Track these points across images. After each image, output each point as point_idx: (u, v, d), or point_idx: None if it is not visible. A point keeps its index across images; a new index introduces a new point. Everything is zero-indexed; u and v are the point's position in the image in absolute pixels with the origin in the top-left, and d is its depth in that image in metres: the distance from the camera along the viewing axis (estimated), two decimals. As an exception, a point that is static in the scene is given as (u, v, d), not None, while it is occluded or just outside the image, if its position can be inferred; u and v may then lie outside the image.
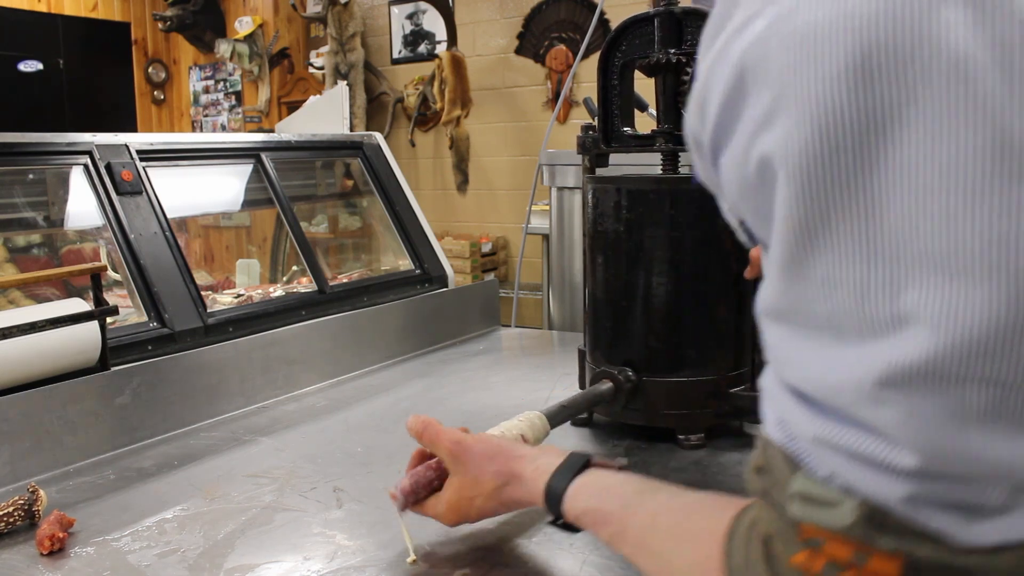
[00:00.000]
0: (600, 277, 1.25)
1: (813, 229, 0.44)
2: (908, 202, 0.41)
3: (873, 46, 0.41)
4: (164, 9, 6.23)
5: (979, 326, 0.40)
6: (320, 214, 3.37)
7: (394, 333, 1.77)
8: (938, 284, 0.41)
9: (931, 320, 0.41)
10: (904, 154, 0.41)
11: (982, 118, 0.39)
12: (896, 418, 0.43)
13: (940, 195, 0.40)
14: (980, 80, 0.39)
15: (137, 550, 0.94)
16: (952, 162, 0.40)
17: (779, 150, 0.44)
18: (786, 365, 0.49)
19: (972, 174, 0.40)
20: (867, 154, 0.42)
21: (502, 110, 5.47)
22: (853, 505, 0.46)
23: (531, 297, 4.97)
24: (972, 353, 0.40)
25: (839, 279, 0.44)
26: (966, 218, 0.40)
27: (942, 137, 0.40)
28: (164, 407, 1.32)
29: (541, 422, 1.06)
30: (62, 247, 2.41)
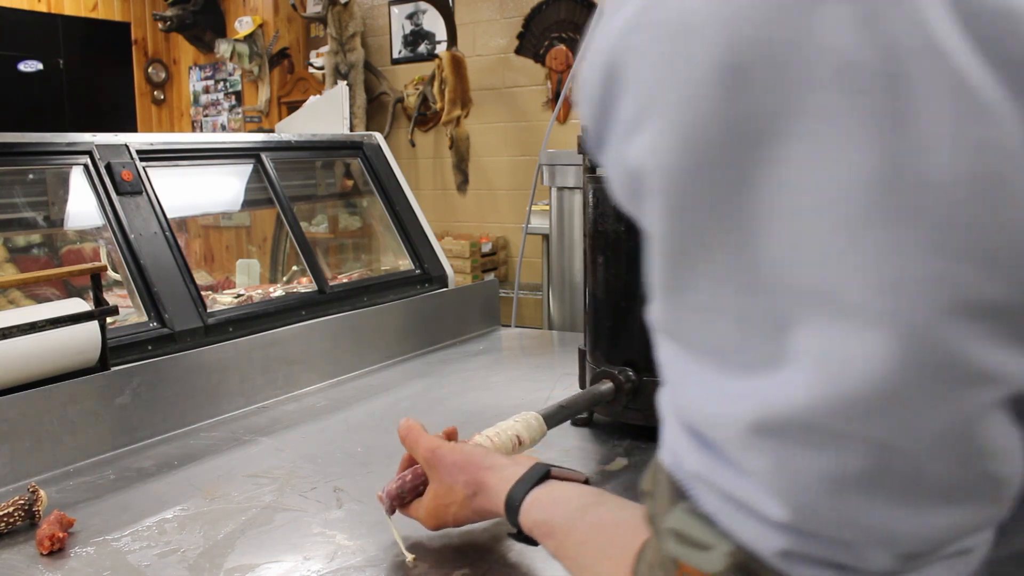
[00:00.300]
0: (600, 277, 1.25)
1: (688, 251, 0.39)
2: (788, 230, 0.35)
3: (747, 43, 0.34)
4: (164, 9, 6.23)
5: (861, 380, 0.35)
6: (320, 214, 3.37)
7: (394, 333, 1.77)
8: (821, 325, 0.35)
9: (810, 365, 0.36)
10: (783, 174, 0.35)
11: (867, 139, 0.33)
12: (766, 467, 0.38)
13: (820, 227, 0.34)
14: (868, 92, 0.33)
15: (137, 550, 0.94)
16: (834, 188, 0.34)
17: (646, 161, 0.38)
18: (673, 387, 0.44)
19: (856, 205, 0.34)
20: (742, 172, 0.36)
21: (502, 110, 5.47)
22: (725, 551, 0.41)
23: (531, 297, 4.97)
24: (851, 408, 0.35)
25: (718, 307, 0.39)
26: (848, 257, 0.34)
27: (823, 158, 0.34)
28: (164, 407, 1.32)
29: (538, 423, 1.05)
30: (62, 247, 2.41)
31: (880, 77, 0.33)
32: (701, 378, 0.41)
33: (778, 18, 0.34)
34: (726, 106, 0.35)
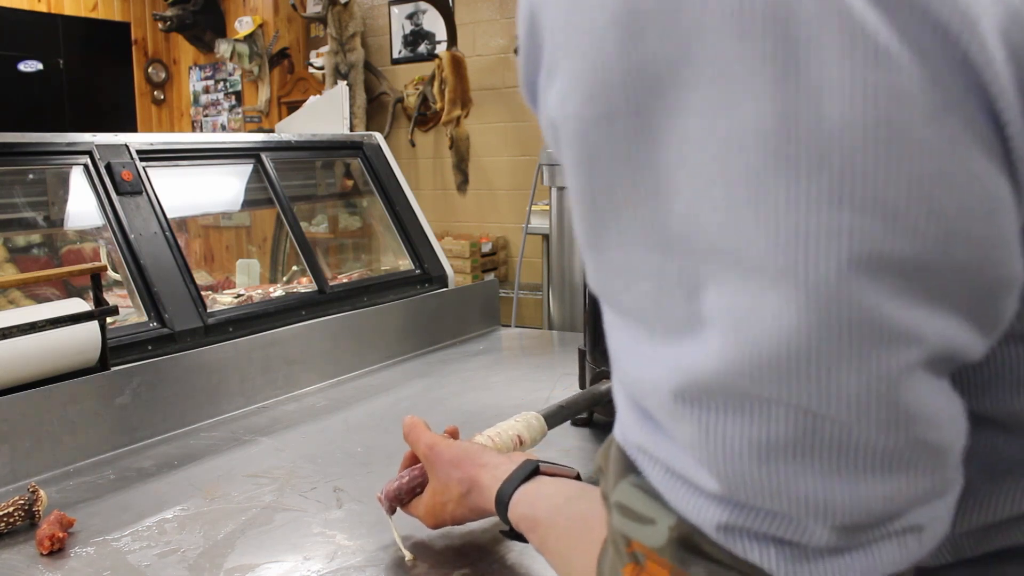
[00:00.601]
0: (600, 277, 1.25)
1: (601, 208, 0.37)
2: (693, 183, 0.34)
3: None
4: (164, 9, 6.23)
5: (771, 340, 0.33)
6: (320, 214, 3.37)
7: (394, 333, 1.77)
8: (730, 285, 0.34)
9: (722, 326, 0.34)
10: (685, 125, 0.34)
11: (762, 86, 0.32)
12: (692, 436, 0.37)
13: (721, 179, 0.33)
14: (760, 37, 0.32)
15: (137, 550, 0.94)
16: (732, 138, 0.33)
17: (558, 111, 0.38)
18: (614, 354, 0.42)
19: (753, 155, 0.32)
20: (645, 123, 0.34)
21: (502, 110, 5.47)
22: (668, 525, 0.40)
23: (531, 297, 4.97)
24: (766, 370, 0.34)
25: (635, 267, 0.37)
26: (749, 211, 0.33)
27: (721, 106, 0.33)
28: (164, 407, 1.32)
29: (538, 422, 1.06)
30: (62, 247, 2.41)
31: (772, 21, 0.31)
32: (631, 344, 0.39)
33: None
34: (625, 53, 0.34)
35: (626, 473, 0.43)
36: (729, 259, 0.34)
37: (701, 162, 0.33)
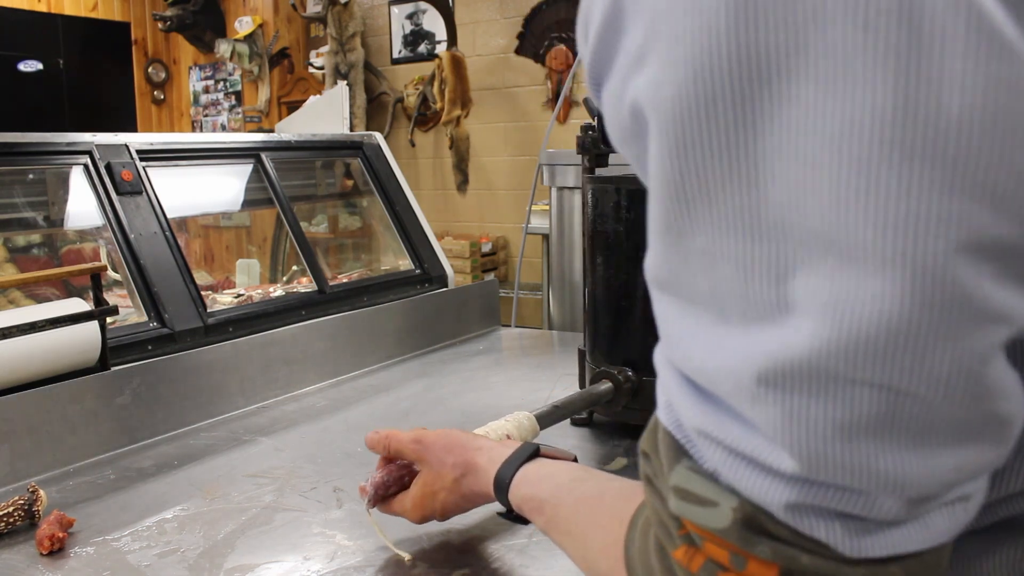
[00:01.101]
0: (600, 277, 1.25)
1: (690, 193, 0.38)
2: (795, 172, 0.35)
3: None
4: (164, 9, 6.23)
5: (871, 323, 0.35)
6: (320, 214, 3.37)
7: (394, 333, 1.77)
8: (827, 270, 0.35)
9: (817, 311, 0.35)
10: (791, 115, 0.35)
11: (880, 75, 0.33)
12: (774, 419, 0.38)
13: (830, 168, 0.34)
14: (881, 27, 0.33)
15: (137, 550, 0.94)
16: (844, 129, 0.34)
17: (650, 97, 0.38)
18: (672, 342, 0.43)
19: (866, 144, 0.33)
20: (749, 111, 0.35)
21: (502, 110, 5.47)
22: (731, 507, 0.41)
23: (531, 297, 4.97)
24: (861, 353, 0.35)
25: (720, 253, 0.38)
26: (858, 198, 0.34)
27: (834, 96, 0.34)
28: (164, 407, 1.32)
29: (529, 423, 1.06)
30: (62, 247, 2.41)
31: (894, 12, 0.32)
32: (700, 331, 0.40)
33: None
34: (735, 40, 0.34)
35: (680, 457, 0.44)
36: (830, 244, 0.35)
37: (807, 150, 0.34)
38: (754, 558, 0.41)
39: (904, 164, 0.33)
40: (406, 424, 1.35)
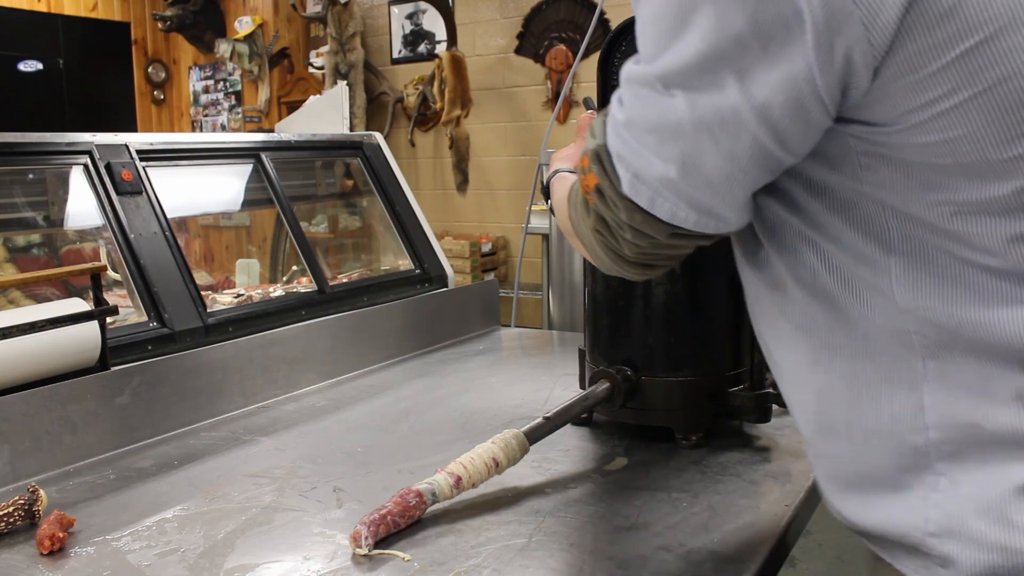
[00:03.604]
0: (600, 277, 1.25)
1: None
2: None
3: None
4: (164, 9, 6.23)
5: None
6: (320, 214, 3.37)
7: (394, 333, 1.77)
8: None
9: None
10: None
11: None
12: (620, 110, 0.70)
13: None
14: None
15: (137, 550, 0.94)
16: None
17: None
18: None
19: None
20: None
21: (502, 110, 5.47)
22: (597, 142, 0.71)
23: (531, 297, 4.97)
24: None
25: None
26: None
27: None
28: (164, 407, 1.32)
29: (517, 442, 1.06)
30: (62, 247, 2.41)
31: None
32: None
33: None
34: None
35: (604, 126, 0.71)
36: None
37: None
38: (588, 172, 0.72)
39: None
40: (406, 424, 1.36)
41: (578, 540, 0.93)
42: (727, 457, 1.16)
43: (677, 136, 0.62)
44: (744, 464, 1.13)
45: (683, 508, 1.00)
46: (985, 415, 0.60)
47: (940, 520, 0.62)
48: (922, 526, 0.63)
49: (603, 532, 0.96)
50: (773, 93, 0.56)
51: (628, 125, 0.66)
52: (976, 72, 0.53)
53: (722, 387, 1.20)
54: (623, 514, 0.99)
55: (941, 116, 0.54)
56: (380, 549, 0.91)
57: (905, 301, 0.61)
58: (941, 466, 0.62)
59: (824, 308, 0.66)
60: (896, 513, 0.65)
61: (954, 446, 0.61)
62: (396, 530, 0.93)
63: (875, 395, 0.64)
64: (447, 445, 1.23)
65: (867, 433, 0.66)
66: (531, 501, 1.03)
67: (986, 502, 0.60)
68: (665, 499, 1.03)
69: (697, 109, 0.59)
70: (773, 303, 0.71)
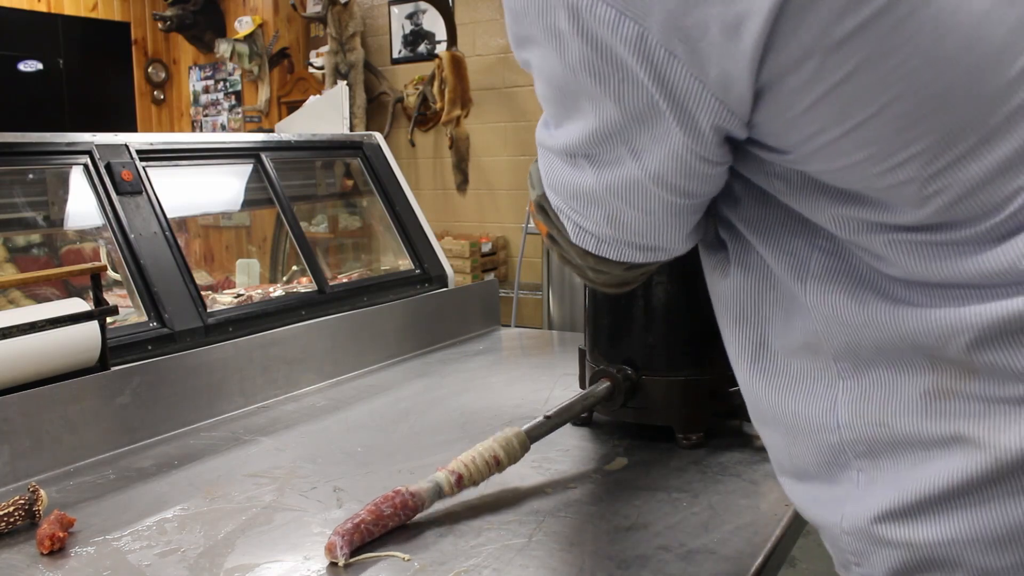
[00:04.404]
0: (600, 277, 1.25)
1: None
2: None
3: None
4: (164, 9, 6.23)
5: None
6: (320, 214, 3.37)
7: (394, 333, 1.77)
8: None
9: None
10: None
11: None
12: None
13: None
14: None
15: (137, 550, 0.94)
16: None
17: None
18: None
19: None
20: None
21: (502, 110, 5.47)
22: (537, 193, 0.74)
23: (531, 297, 4.97)
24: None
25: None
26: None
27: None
28: (164, 407, 1.32)
29: (518, 440, 1.06)
30: (62, 247, 2.41)
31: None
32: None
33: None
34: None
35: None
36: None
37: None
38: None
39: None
40: (406, 424, 1.36)
41: (578, 540, 0.93)
42: (727, 457, 1.16)
43: (594, 201, 0.66)
44: (744, 464, 1.13)
45: (683, 508, 1.00)
46: (893, 414, 0.61)
47: (852, 517, 0.64)
48: (838, 523, 0.65)
49: (603, 532, 0.96)
50: (663, 163, 0.60)
51: (553, 188, 0.70)
52: (846, 106, 0.54)
53: (722, 387, 1.20)
54: (623, 514, 0.99)
55: (823, 149, 0.57)
56: (376, 553, 0.91)
57: (817, 298, 0.63)
58: (858, 463, 0.64)
59: (752, 301, 0.69)
60: (823, 506, 0.68)
61: (866, 445, 0.63)
62: (371, 539, 0.92)
63: (795, 391, 0.67)
64: (447, 445, 1.23)
65: (791, 428, 0.68)
66: (531, 501, 1.03)
67: (895, 500, 0.61)
68: (665, 499, 1.03)
69: (603, 179, 0.63)
70: (717, 291, 0.75)
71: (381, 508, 0.93)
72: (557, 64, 0.59)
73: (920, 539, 0.60)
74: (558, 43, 0.57)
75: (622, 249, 0.70)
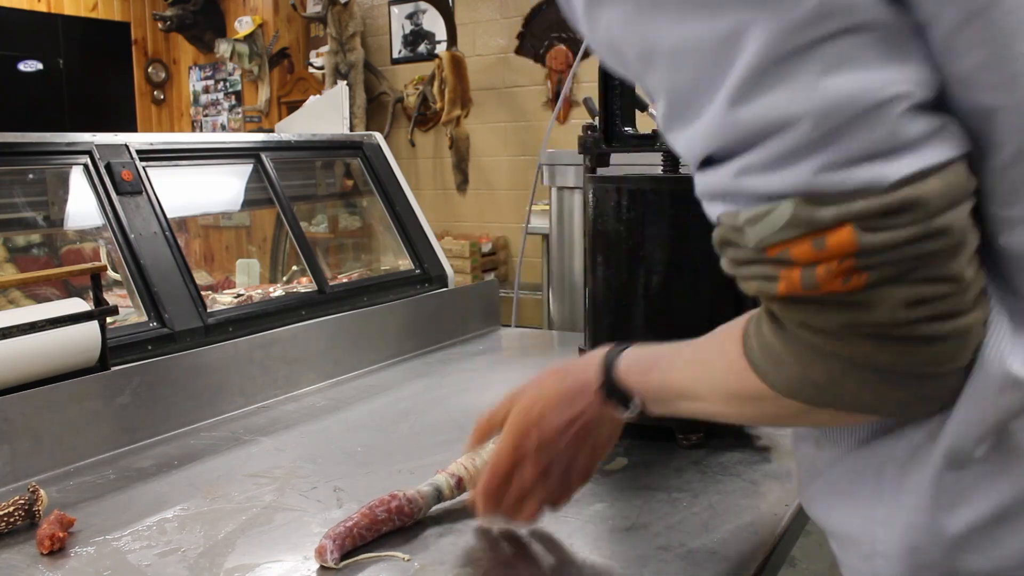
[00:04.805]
0: (600, 277, 1.25)
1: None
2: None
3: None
4: (164, 9, 6.23)
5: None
6: (320, 214, 3.37)
7: (394, 333, 1.77)
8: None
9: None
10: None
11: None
12: (774, 108, 0.50)
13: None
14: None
15: (137, 550, 0.94)
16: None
17: None
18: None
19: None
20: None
21: (502, 110, 5.47)
22: (787, 204, 0.51)
23: (531, 297, 4.97)
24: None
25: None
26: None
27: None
28: (164, 407, 1.32)
29: None
30: (62, 247, 2.41)
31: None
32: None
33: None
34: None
35: (739, 214, 0.55)
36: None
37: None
38: (826, 231, 0.50)
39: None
40: (406, 424, 1.36)
41: (578, 540, 0.93)
42: (727, 457, 1.16)
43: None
44: (744, 464, 1.13)
45: (683, 508, 1.00)
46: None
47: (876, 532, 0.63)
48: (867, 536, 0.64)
49: (603, 532, 0.96)
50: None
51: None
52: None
53: (722, 387, 1.19)
54: (623, 514, 0.99)
55: None
56: (376, 553, 0.91)
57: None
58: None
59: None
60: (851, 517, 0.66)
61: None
62: (364, 543, 0.91)
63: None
64: (447, 445, 1.22)
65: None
66: (531, 501, 1.03)
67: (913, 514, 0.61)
68: (665, 499, 1.03)
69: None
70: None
71: (376, 512, 0.93)
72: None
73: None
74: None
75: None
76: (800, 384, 0.58)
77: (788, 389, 0.59)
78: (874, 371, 0.54)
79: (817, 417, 0.62)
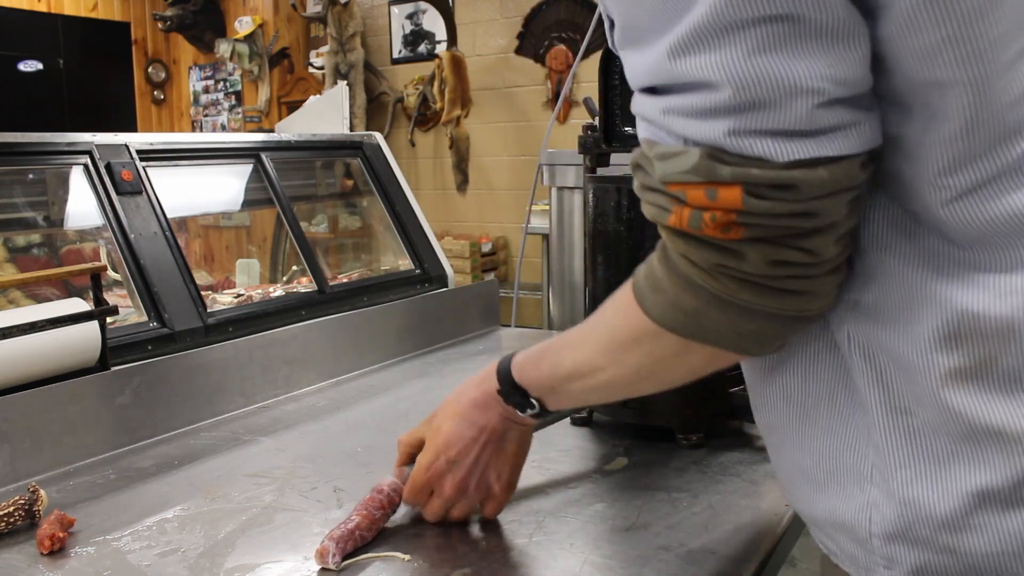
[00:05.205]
0: (600, 277, 1.25)
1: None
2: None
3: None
4: (164, 9, 6.23)
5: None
6: (320, 214, 3.37)
7: (394, 333, 1.77)
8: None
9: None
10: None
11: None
12: (708, 64, 0.55)
13: None
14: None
15: (137, 550, 0.94)
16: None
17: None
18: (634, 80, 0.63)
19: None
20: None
21: (502, 110, 5.47)
22: (696, 152, 0.58)
23: (531, 297, 4.97)
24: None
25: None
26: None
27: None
28: (164, 407, 1.32)
29: None
30: (62, 247, 2.41)
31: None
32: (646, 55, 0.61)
33: None
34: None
35: (654, 145, 0.61)
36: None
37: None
38: (720, 184, 0.57)
39: None
40: (406, 424, 1.35)
41: (578, 540, 0.93)
42: (727, 457, 1.16)
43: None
44: (744, 464, 1.13)
45: (683, 508, 1.00)
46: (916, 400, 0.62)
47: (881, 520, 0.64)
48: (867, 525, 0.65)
49: (603, 532, 0.96)
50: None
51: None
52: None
53: (722, 387, 1.20)
54: (623, 514, 0.99)
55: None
56: (376, 553, 0.91)
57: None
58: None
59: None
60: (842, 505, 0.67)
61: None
62: (364, 543, 0.91)
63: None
64: (447, 445, 1.22)
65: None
66: (531, 501, 1.03)
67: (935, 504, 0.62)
68: (665, 499, 1.03)
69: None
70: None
71: (373, 513, 0.93)
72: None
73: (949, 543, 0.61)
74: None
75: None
76: (672, 310, 0.66)
77: (661, 315, 0.67)
78: (735, 306, 0.63)
79: (692, 359, 0.70)
